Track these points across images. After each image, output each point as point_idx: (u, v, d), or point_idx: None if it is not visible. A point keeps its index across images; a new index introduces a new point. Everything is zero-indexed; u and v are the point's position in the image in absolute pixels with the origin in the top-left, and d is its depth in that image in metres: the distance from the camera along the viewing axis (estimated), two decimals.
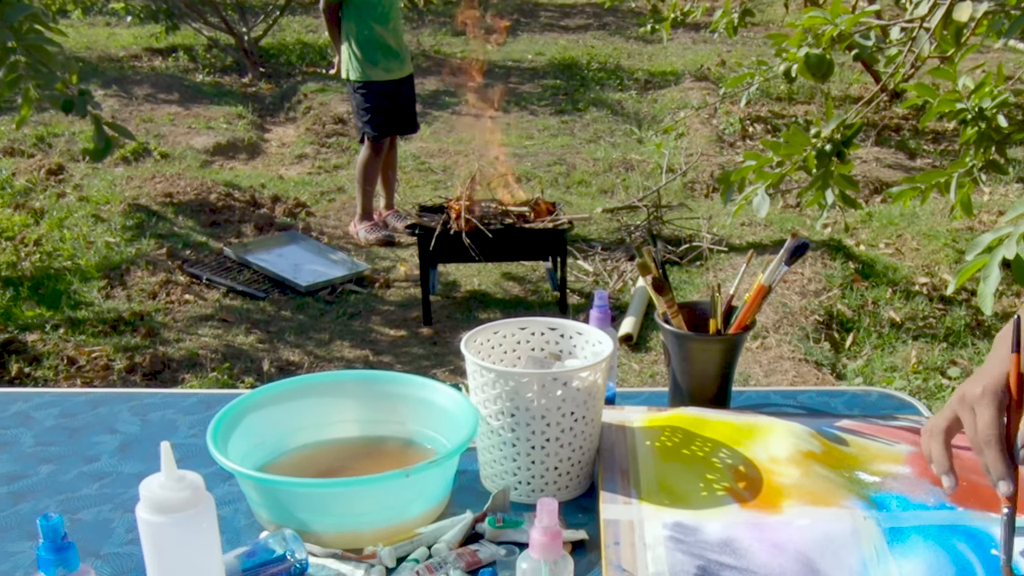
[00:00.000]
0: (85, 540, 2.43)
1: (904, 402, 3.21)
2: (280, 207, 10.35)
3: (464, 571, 2.30)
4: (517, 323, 2.76)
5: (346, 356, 7.55)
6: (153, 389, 3.58)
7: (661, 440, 2.73)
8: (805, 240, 2.80)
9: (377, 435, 2.74)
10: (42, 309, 7.74)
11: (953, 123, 5.95)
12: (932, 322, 8.16)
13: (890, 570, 2.25)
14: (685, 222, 10.34)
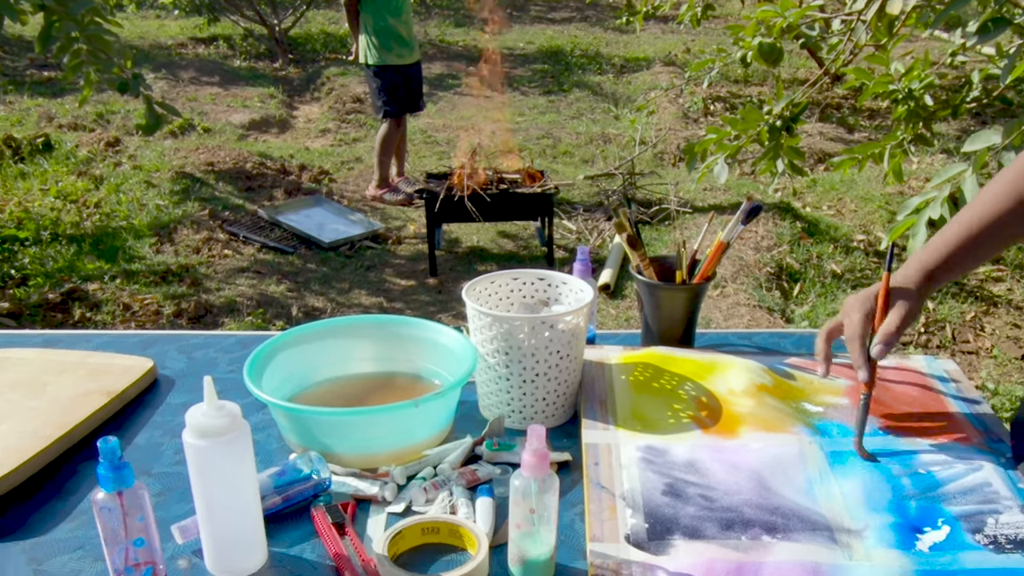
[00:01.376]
0: (138, 461, 2.44)
1: (843, 343, 3.20)
2: (306, 174, 10.33)
3: (465, 487, 2.31)
4: (510, 274, 2.76)
5: (363, 303, 7.54)
6: (197, 331, 3.57)
7: (634, 375, 2.74)
8: (759, 203, 2.81)
9: (390, 371, 2.75)
10: (101, 263, 7.72)
11: (886, 102, 5.95)
12: (868, 273, 8.15)
13: (832, 488, 2.26)
14: (655, 187, 10.33)
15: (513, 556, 2.03)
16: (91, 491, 2.10)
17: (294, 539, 2.16)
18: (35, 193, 9.08)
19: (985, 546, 2.08)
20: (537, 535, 1.97)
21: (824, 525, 2.14)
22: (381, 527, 2.20)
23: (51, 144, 10.38)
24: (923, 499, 2.24)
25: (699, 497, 2.22)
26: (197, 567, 2.07)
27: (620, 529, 2.10)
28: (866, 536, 2.10)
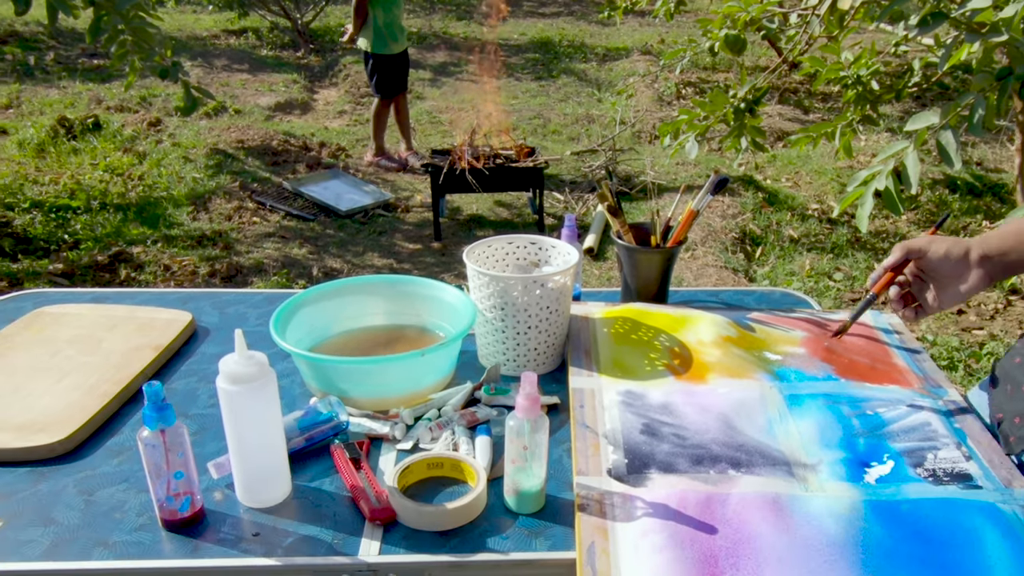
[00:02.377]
0: (177, 404, 2.44)
1: (800, 299, 3.21)
2: (325, 150, 10.32)
3: (465, 427, 2.32)
4: (506, 239, 2.75)
5: (375, 264, 7.54)
6: (228, 289, 3.57)
7: (615, 328, 2.73)
8: (725, 176, 2.80)
9: (399, 324, 2.75)
10: (144, 228, 7.72)
11: (837, 87, 5.96)
12: (821, 238, 8.13)
13: (789, 428, 2.26)
14: (634, 162, 10.32)
15: (508, 488, 2.04)
16: (136, 430, 2.12)
17: (315, 473, 2.17)
18: (86, 167, 9.07)
19: (925, 478, 2.08)
20: (529, 469, 1.99)
21: (783, 460, 2.14)
22: (392, 462, 2.21)
23: (100, 124, 10.37)
24: (870, 437, 2.24)
25: (672, 436, 2.23)
26: (229, 498, 2.08)
27: (603, 464, 2.11)
28: (820, 470, 2.11)
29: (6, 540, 1.93)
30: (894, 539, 1.89)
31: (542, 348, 2.59)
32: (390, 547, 1.92)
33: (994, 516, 1.97)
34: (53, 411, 2.31)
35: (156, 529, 1.96)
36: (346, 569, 1.89)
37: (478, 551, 1.92)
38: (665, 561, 1.81)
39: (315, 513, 2.03)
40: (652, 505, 1.97)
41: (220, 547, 1.91)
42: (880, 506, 1.99)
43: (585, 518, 1.94)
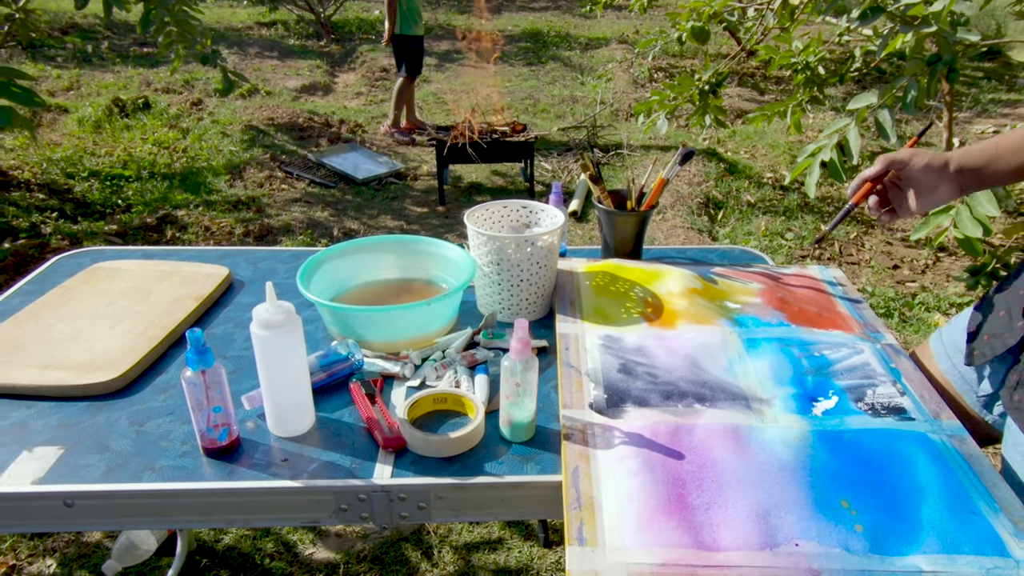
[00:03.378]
0: (216, 347, 2.45)
1: (756, 255, 3.20)
2: (344, 127, 10.31)
3: (466, 367, 2.32)
4: (501, 203, 2.74)
5: (388, 225, 7.54)
6: (260, 247, 3.57)
7: (596, 280, 2.73)
8: (691, 149, 2.79)
9: (408, 277, 2.74)
10: (187, 194, 7.72)
11: (789, 72, 5.96)
12: (775, 203, 8.13)
13: (747, 367, 2.26)
14: (612, 137, 10.32)
15: (503, 419, 2.05)
16: (180, 370, 2.13)
17: (336, 406, 2.18)
18: (136, 142, 9.08)
19: (865, 411, 2.09)
20: (521, 403, 1.99)
21: (741, 396, 2.14)
22: (402, 397, 2.21)
23: (149, 104, 10.38)
24: (817, 375, 2.24)
25: (646, 374, 2.23)
26: (261, 428, 2.09)
27: (585, 399, 2.11)
28: (773, 404, 2.11)
29: (67, 465, 1.94)
30: (838, 463, 1.89)
31: (532, 298, 2.59)
32: (401, 471, 1.94)
33: (924, 444, 1.98)
34: (108, 353, 2.32)
35: (197, 456, 1.98)
36: (362, 491, 1.90)
37: (477, 475, 1.93)
38: (639, 483, 1.81)
39: (335, 442, 2.04)
40: (628, 434, 1.97)
41: (253, 471, 1.93)
42: (826, 435, 1.99)
43: (570, 446, 1.94)
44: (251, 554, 3.70)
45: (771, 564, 1.64)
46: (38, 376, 2.22)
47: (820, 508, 1.77)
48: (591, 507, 1.76)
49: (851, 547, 1.68)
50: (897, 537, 1.71)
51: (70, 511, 1.89)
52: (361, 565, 3.66)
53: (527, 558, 3.72)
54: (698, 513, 1.75)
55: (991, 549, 1.70)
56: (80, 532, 3.73)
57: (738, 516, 1.74)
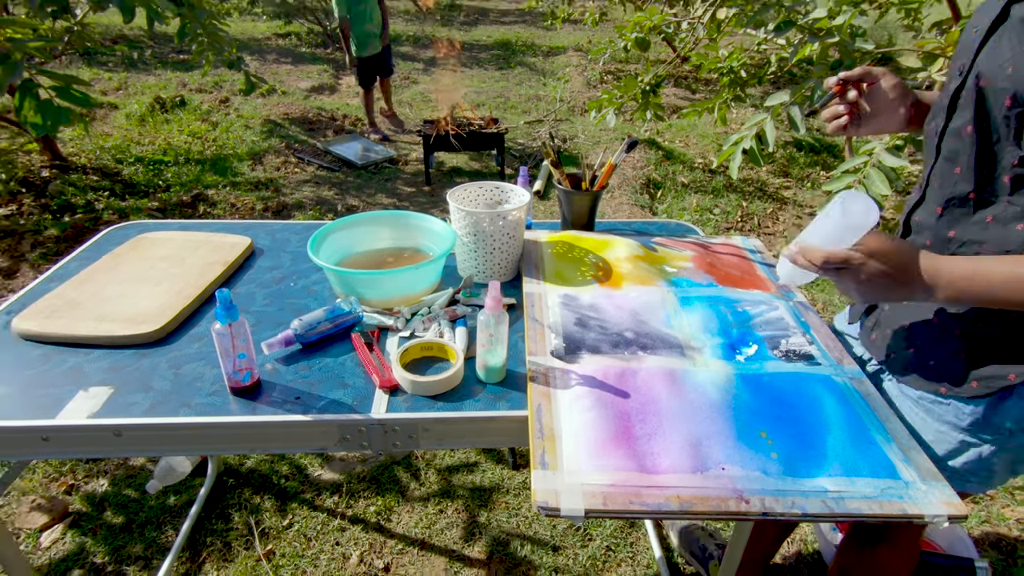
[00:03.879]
0: (240, 303, 2.43)
1: (689, 228, 3.18)
2: (347, 120, 10.26)
3: (448, 321, 2.32)
4: (477, 184, 2.72)
5: (383, 202, 7.51)
6: (277, 220, 3.55)
7: (557, 248, 2.72)
8: (635, 139, 2.78)
9: (400, 246, 2.72)
10: (216, 176, 7.68)
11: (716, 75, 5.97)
12: (704, 184, 8.11)
13: (682, 321, 2.26)
14: (570, 129, 10.30)
15: (479, 364, 2.05)
16: (210, 323, 2.13)
17: (340, 352, 2.18)
18: (174, 133, 9.03)
19: (780, 358, 2.09)
20: (494, 351, 2.00)
21: (677, 345, 2.14)
22: (395, 346, 2.21)
23: (185, 101, 10.31)
24: (740, 328, 2.24)
25: (597, 327, 2.22)
26: (278, 370, 2.09)
27: (547, 347, 2.10)
28: (704, 352, 2.11)
29: (117, 403, 1.95)
30: (757, 401, 1.89)
31: (503, 263, 2.57)
32: (394, 408, 1.94)
33: (829, 385, 1.98)
34: (151, 309, 2.33)
35: (225, 394, 1.99)
36: (362, 424, 1.90)
37: (457, 410, 1.94)
38: (592, 417, 1.81)
39: (339, 383, 2.04)
40: (583, 377, 1.97)
41: (271, 407, 1.94)
42: (747, 378, 1.99)
43: (534, 386, 1.94)
44: (269, 475, 3.69)
45: (702, 485, 1.64)
46: (93, 328, 2.23)
47: (742, 438, 1.77)
48: (552, 437, 1.76)
49: (768, 471, 1.68)
50: (806, 463, 1.71)
51: (119, 440, 1.91)
52: (360, 484, 3.66)
53: (498, 479, 3.73)
54: (641, 442, 1.75)
55: (884, 472, 1.70)
56: (127, 458, 3.72)
57: (674, 445, 1.74)
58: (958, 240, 1.84)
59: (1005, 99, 1.68)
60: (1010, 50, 1.68)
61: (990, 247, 1.77)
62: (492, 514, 3.53)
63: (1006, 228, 1.74)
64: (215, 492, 3.60)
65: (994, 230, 1.76)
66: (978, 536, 3.52)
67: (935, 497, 1.65)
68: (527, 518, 3.52)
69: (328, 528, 3.43)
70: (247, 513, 3.49)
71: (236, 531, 3.39)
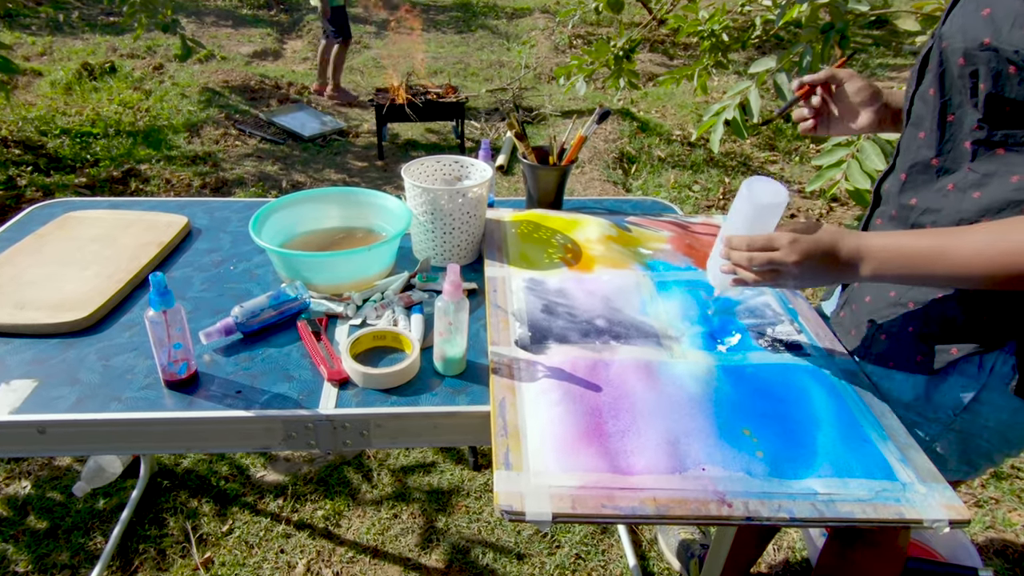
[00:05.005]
0: (176, 289, 2.42)
1: (666, 206, 3.20)
2: (292, 89, 10.23)
3: (403, 307, 2.32)
4: (435, 158, 2.72)
5: (332, 178, 7.50)
6: (216, 198, 3.53)
7: (521, 228, 2.71)
8: (608, 109, 2.78)
9: (351, 226, 2.71)
10: (149, 150, 7.66)
11: (696, 39, 5.99)
12: (683, 158, 8.14)
13: (658, 308, 2.26)
14: (536, 98, 10.31)
15: (437, 355, 2.05)
16: (144, 310, 2.12)
17: (285, 342, 2.17)
18: (104, 102, 8.98)
19: (765, 348, 2.10)
20: (454, 340, 1.99)
21: (653, 333, 2.14)
22: (345, 335, 2.21)
23: (115, 68, 10.26)
24: (722, 315, 2.25)
25: (566, 314, 2.22)
26: (216, 362, 2.09)
27: (511, 336, 2.10)
28: (682, 341, 2.11)
29: (41, 397, 1.94)
30: (740, 395, 1.89)
31: (463, 245, 2.57)
32: (344, 402, 1.94)
33: (819, 377, 1.99)
34: (79, 294, 2.32)
35: (159, 388, 1.98)
36: (309, 420, 1.90)
37: (413, 405, 1.94)
38: (560, 413, 1.80)
39: (284, 375, 2.03)
40: (550, 369, 1.97)
41: (210, 402, 1.93)
42: (729, 369, 2.00)
43: (497, 379, 1.94)
44: (207, 476, 3.68)
45: (680, 487, 1.64)
46: (13, 315, 2.21)
47: (724, 436, 1.77)
48: (516, 435, 1.76)
49: (752, 471, 1.68)
50: (794, 462, 1.71)
51: (43, 438, 1.90)
52: (307, 486, 3.66)
53: (458, 480, 3.73)
54: (614, 440, 1.75)
55: (880, 473, 1.71)
56: (52, 457, 3.70)
57: (650, 443, 1.74)
58: (919, 208, 1.90)
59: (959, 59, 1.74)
60: (967, 13, 1.74)
61: (946, 215, 1.83)
62: (451, 519, 3.54)
63: (963, 195, 1.79)
64: (148, 495, 3.59)
65: (952, 198, 1.82)
66: (982, 543, 3.54)
67: (935, 500, 1.65)
68: (489, 523, 3.53)
69: (272, 534, 3.42)
70: (183, 518, 3.47)
71: (171, 537, 3.37)
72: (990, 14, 1.67)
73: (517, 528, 3.51)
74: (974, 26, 1.69)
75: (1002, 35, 1.63)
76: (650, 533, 3.51)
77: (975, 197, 1.74)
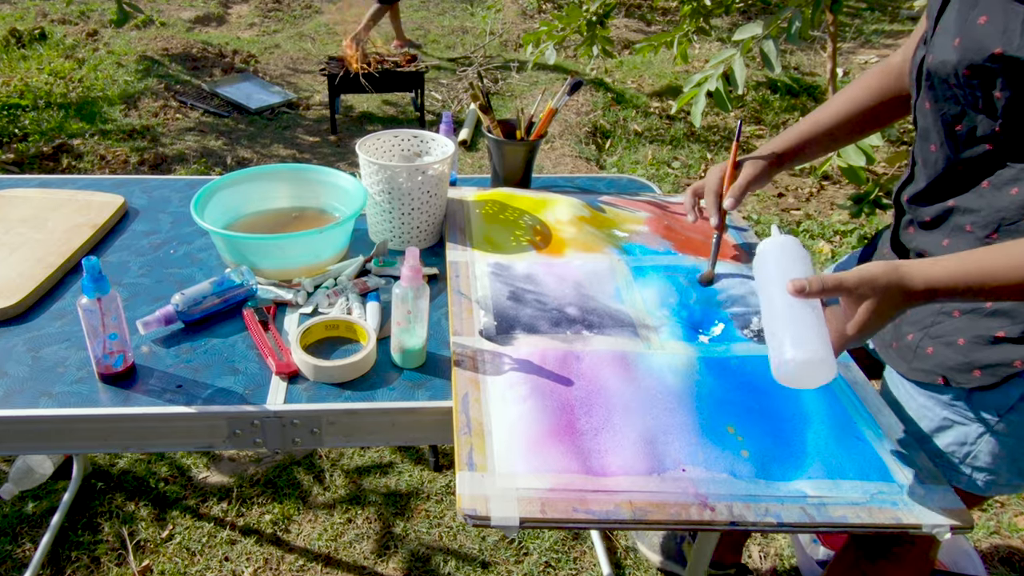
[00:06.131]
0: (112, 274, 2.40)
1: (644, 184, 3.20)
2: (238, 57, 10.20)
3: (358, 294, 2.32)
4: (392, 133, 2.71)
5: (281, 154, 7.49)
6: (155, 176, 3.52)
7: (486, 209, 2.71)
8: (580, 79, 2.78)
9: (301, 206, 2.71)
10: (83, 124, 7.63)
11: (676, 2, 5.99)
12: (662, 132, 8.15)
13: (635, 295, 2.26)
14: (502, 67, 10.31)
15: (394, 346, 2.05)
16: (76, 297, 2.10)
17: (229, 332, 2.17)
18: (33, 71, 8.94)
19: (750, 338, 2.10)
20: (413, 330, 1.99)
21: (629, 323, 2.14)
22: (295, 324, 2.20)
23: (45, 34, 10.21)
24: (704, 303, 2.26)
25: (535, 301, 2.22)
26: (156, 353, 2.07)
27: (475, 326, 2.10)
28: (661, 331, 2.11)
29: None
30: (724, 390, 1.90)
31: (423, 226, 2.57)
32: (293, 397, 1.94)
33: None
34: (5, 280, 2.30)
35: (93, 382, 1.96)
36: (255, 416, 1.89)
37: (368, 400, 1.94)
38: (528, 409, 1.80)
39: (229, 368, 2.02)
40: (517, 361, 1.97)
41: (148, 397, 1.92)
42: (712, 362, 2.00)
43: (460, 372, 1.93)
44: (146, 478, 3.67)
45: (659, 489, 1.64)
46: None
47: (706, 434, 1.77)
48: (481, 432, 1.75)
49: (737, 472, 1.68)
50: (782, 463, 1.71)
51: None
52: (254, 489, 3.65)
53: (417, 482, 3.73)
54: (587, 438, 1.75)
55: (875, 474, 1.71)
56: None
57: (626, 441, 1.74)
58: (960, 208, 1.87)
59: (963, 70, 1.74)
60: (962, 23, 1.76)
61: (985, 215, 1.80)
62: (410, 524, 3.53)
63: (1000, 193, 1.78)
64: (81, 498, 3.57)
65: (988, 196, 1.80)
66: (986, 549, 3.56)
67: (935, 504, 1.65)
68: (451, 529, 3.53)
69: (215, 540, 3.41)
70: (119, 523, 3.46)
71: (106, 544, 3.36)
72: (989, 21, 1.67)
73: (482, 534, 3.51)
74: (975, 36, 1.70)
75: (1013, 44, 1.63)
76: (626, 539, 3.52)
77: (1013, 194, 1.74)
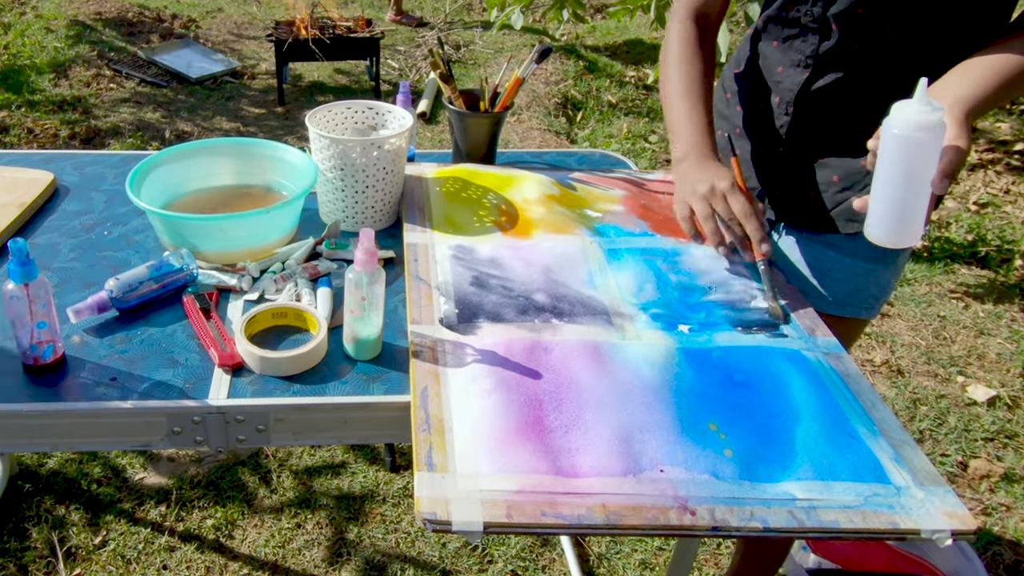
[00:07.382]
0: (40, 258, 2.39)
1: (618, 160, 3.20)
2: (177, 22, 10.21)
3: (308, 280, 2.31)
4: (345, 104, 2.71)
5: (224, 127, 7.49)
6: (87, 151, 3.50)
7: (447, 187, 2.71)
8: (549, 45, 2.79)
9: (246, 184, 2.70)
10: (9, 94, 7.62)
11: None
12: (638, 103, 8.17)
13: (608, 280, 2.26)
14: (464, 33, 10.32)
15: (347, 336, 2.04)
16: (1, 283, 2.07)
17: (167, 321, 2.15)
18: None
19: (735, 328, 2.10)
20: (367, 319, 1.98)
21: (602, 310, 2.14)
22: (239, 312, 2.19)
23: None
24: (684, 289, 2.25)
25: (500, 287, 2.21)
26: (88, 344, 2.06)
27: (435, 313, 2.09)
28: (637, 320, 2.11)
29: None
30: (705, 383, 1.89)
31: (379, 206, 2.57)
32: (238, 392, 1.92)
33: (798, 362, 2.00)
34: None
35: (19, 374, 1.95)
36: (196, 412, 1.88)
37: (319, 395, 1.93)
38: (493, 403, 1.80)
39: (168, 359, 2.01)
40: (481, 352, 1.96)
41: (79, 391, 1.90)
42: (692, 353, 2.00)
43: (419, 364, 1.93)
44: (77, 479, 3.66)
45: (635, 491, 1.63)
46: None
47: (686, 431, 1.77)
48: (441, 430, 1.75)
49: (720, 473, 1.68)
50: (769, 463, 1.71)
51: None
52: (195, 491, 3.64)
53: (372, 483, 3.73)
54: (556, 436, 1.74)
55: (870, 475, 1.71)
56: None
57: (599, 440, 1.74)
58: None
59: None
60: None
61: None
62: (364, 529, 3.54)
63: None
64: (7, 501, 3.56)
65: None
66: (989, 559, 3.58)
67: (935, 507, 1.66)
68: (409, 534, 3.53)
69: (153, 547, 3.41)
70: (48, 528, 3.45)
71: (34, 551, 3.36)
72: None
73: (442, 540, 3.51)
74: None
75: None
76: (599, 546, 3.52)
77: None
